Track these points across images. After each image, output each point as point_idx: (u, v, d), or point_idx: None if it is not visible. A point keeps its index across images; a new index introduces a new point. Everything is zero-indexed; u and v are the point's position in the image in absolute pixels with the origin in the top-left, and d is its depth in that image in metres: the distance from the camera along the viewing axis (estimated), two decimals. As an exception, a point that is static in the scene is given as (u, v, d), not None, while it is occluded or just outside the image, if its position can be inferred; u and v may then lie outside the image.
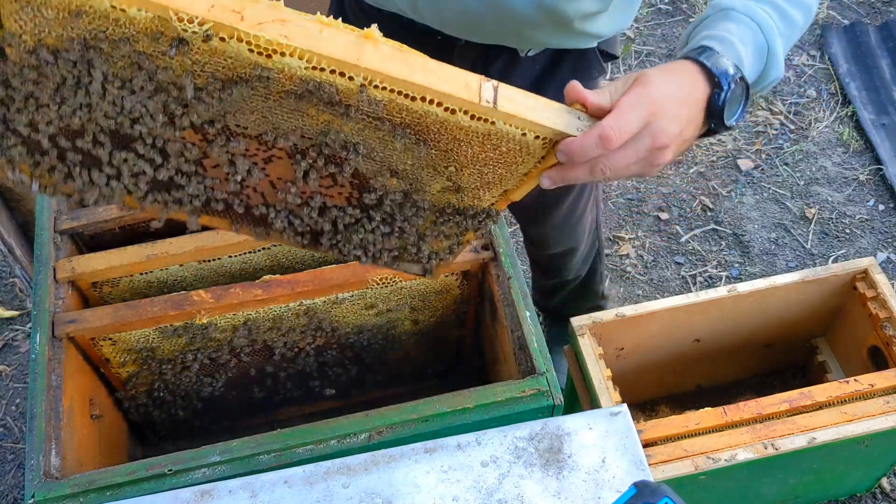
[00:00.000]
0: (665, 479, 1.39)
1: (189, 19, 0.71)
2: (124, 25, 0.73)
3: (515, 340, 1.14)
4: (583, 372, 1.52)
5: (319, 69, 0.76)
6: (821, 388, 1.47)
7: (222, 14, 0.71)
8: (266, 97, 0.80)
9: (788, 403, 1.45)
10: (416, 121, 0.82)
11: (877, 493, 1.92)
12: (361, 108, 0.80)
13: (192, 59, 0.76)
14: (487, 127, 0.82)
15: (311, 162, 0.88)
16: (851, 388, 1.47)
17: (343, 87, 0.77)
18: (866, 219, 2.44)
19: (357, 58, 0.75)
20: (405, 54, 0.78)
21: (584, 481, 0.88)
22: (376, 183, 0.93)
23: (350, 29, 0.76)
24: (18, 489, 1.96)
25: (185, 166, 0.91)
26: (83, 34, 0.74)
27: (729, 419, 1.42)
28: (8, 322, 2.24)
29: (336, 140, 0.85)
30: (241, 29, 0.72)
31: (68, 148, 0.87)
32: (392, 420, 1.04)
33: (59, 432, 1.05)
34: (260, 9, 0.73)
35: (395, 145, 0.86)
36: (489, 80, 0.79)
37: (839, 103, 2.70)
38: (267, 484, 0.88)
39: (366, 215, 0.98)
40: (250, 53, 0.74)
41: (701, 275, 2.33)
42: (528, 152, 0.85)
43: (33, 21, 0.73)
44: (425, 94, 0.79)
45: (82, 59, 0.76)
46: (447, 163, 0.89)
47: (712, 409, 1.43)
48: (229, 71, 0.77)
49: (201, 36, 0.72)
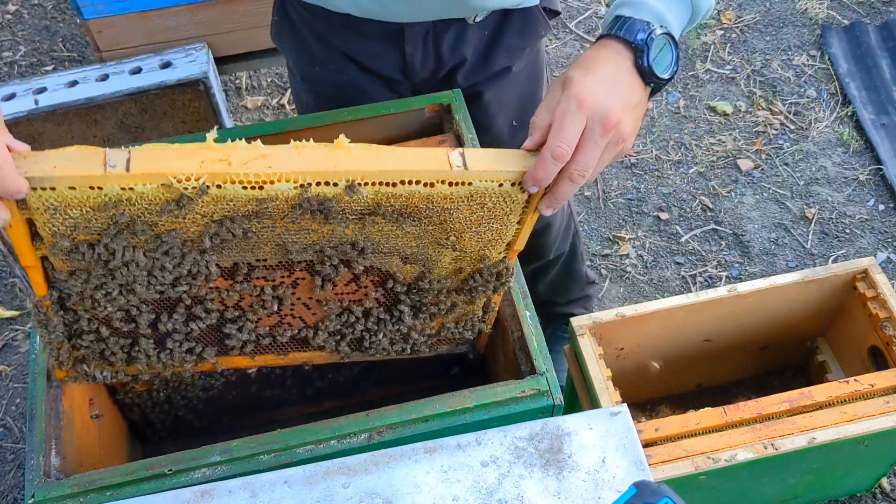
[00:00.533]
0: (665, 479, 1.39)
1: (186, 178, 0.81)
2: (138, 202, 0.83)
3: (515, 340, 1.14)
4: (583, 372, 1.52)
5: (307, 185, 0.85)
6: (821, 389, 1.47)
7: (212, 165, 0.82)
8: (273, 227, 0.90)
9: (788, 403, 1.45)
10: (404, 204, 0.90)
11: (877, 493, 1.92)
12: (354, 208, 0.89)
13: (200, 213, 0.86)
14: (467, 189, 0.90)
15: (329, 270, 0.98)
16: (851, 388, 1.47)
17: (331, 194, 0.87)
18: (866, 219, 2.44)
19: (334, 165, 0.85)
20: (375, 150, 0.87)
21: (584, 481, 0.88)
22: (393, 271, 1.02)
23: (322, 145, 0.86)
24: (18, 489, 1.96)
25: (228, 313, 1.03)
26: (109, 221, 0.85)
27: (729, 419, 1.42)
28: (8, 322, 2.24)
29: (343, 244, 0.95)
30: (231, 172, 0.82)
31: (124, 331, 1.02)
32: (392, 420, 1.04)
33: (59, 432, 1.05)
34: (242, 152, 0.83)
35: (396, 232, 0.95)
36: (455, 149, 0.88)
37: (839, 103, 2.70)
38: (267, 484, 0.88)
39: (395, 310, 1.09)
40: (245, 190, 0.84)
41: (701, 275, 2.33)
42: (512, 200, 0.93)
43: (63, 223, 0.84)
44: (403, 178, 0.87)
45: (115, 241, 0.87)
46: (446, 234, 0.97)
47: (712, 409, 1.43)
48: (234, 212, 0.87)
49: (200, 189, 0.83)
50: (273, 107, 2.70)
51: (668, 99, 2.73)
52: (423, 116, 1.36)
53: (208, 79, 1.94)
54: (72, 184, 0.80)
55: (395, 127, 1.36)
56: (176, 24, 2.02)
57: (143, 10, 1.98)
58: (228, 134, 1.34)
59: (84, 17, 1.94)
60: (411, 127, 1.36)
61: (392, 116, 1.34)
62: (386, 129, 1.36)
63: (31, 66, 2.80)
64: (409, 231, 0.95)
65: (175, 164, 0.81)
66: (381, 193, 0.88)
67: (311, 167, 0.84)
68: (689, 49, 2.85)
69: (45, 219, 0.83)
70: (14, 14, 2.95)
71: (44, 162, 0.79)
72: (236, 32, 2.05)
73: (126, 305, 0.98)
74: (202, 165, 0.81)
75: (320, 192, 0.86)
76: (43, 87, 1.94)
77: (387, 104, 1.34)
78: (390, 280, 1.04)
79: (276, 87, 2.74)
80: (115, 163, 0.79)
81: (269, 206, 0.87)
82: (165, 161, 0.81)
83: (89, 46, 2.75)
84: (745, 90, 2.74)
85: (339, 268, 0.99)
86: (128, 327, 1.02)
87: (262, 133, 1.31)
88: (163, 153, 0.82)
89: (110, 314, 0.99)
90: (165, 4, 1.97)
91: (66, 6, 2.95)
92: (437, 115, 1.36)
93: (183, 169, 0.81)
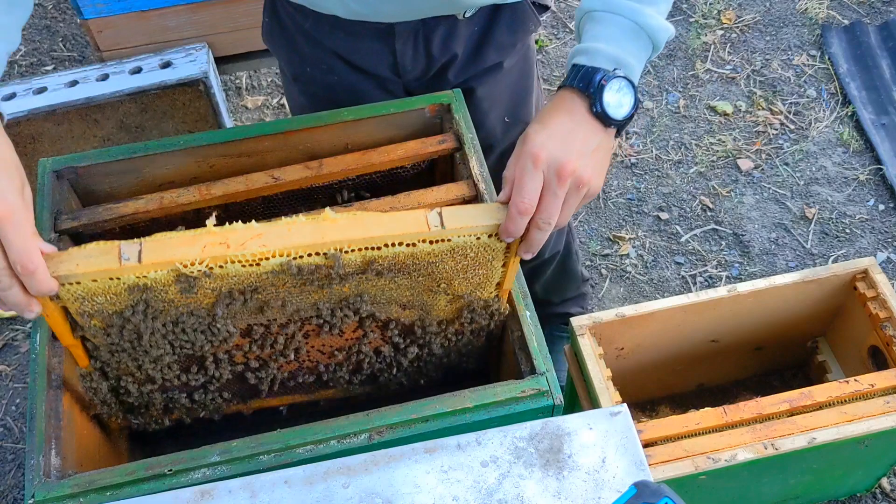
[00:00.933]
0: (665, 480, 1.39)
1: (191, 262, 0.92)
2: (153, 286, 0.94)
3: (515, 340, 1.14)
4: (583, 372, 1.52)
5: (299, 257, 0.95)
6: (821, 388, 1.47)
7: (213, 249, 0.92)
8: (276, 293, 1.00)
9: (789, 403, 1.45)
10: (392, 262, 0.99)
11: (877, 493, 1.92)
12: (346, 270, 0.98)
13: (209, 288, 0.96)
14: (447, 244, 0.98)
15: (334, 322, 1.09)
16: (852, 388, 1.47)
17: (322, 262, 0.96)
18: (866, 219, 2.44)
19: (322, 237, 0.94)
20: (359, 218, 0.96)
21: (584, 481, 0.88)
22: (393, 317, 1.12)
23: (310, 219, 0.95)
24: (18, 489, 1.96)
25: (251, 363, 1.15)
26: (132, 303, 0.96)
27: (729, 419, 1.42)
28: (8, 322, 2.24)
29: (342, 299, 1.05)
30: (230, 254, 0.92)
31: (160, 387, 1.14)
32: (392, 420, 1.03)
33: (60, 432, 1.05)
34: (239, 234, 0.93)
35: (390, 285, 1.04)
36: (432, 209, 0.97)
37: (839, 103, 2.70)
38: (267, 484, 0.88)
39: (402, 347, 1.19)
40: (244, 268, 0.94)
41: (701, 275, 2.33)
42: (492, 249, 1.01)
43: (92, 308, 0.96)
44: (387, 241, 0.96)
45: (138, 320, 0.99)
46: (437, 282, 1.06)
47: (712, 408, 1.43)
48: (240, 285, 0.98)
49: (204, 273, 0.93)
50: (273, 106, 2.70)
51: (669, 99, 2.73)
52: (423, 116, 1.36)
53: (208, 79, 1.94)
54: (94, 277, 0.92)
55: (396, 127, 1.36)
56: (176, 24, 2.02)
57: (143, 9, 1.98)
58: (229, 134, 1.34)
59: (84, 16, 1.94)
60: (411, 127, 1.36)
61: (392, 116, 1.34)
62: (386, 128, 1.36)
63: (31, 66, 2.80)
64: (401, 283, 1.05)
65: (180, 251, 0.92)
66: (368, 256, 0.97)
67: (301, 241, 0.94)
68: (689, 49, 2.85)
69: (76, 306, 0.96)
70: (14, 14, 2.95)
71: (68, 262, 0.91)
72: (236, 32, 2.05)
73: (158, 370, 1.11)
74: (204, 250, 0.92)
75: (311, 262, 0.96)
76: (43, 87, 1.94)
77: (387, 104, 1.34)
78: (392, 323, 1.14)
79: (276, 86, 2.74)
80: (128, 256, 0.91)
81: (269, 278, 0.97)
82: (172, 250, 0.92)
83: (89, 46, 2.76)
84: (745, 90, 2.74)
85: (345, 318, 1.09)
86: (163, 384, 1.15)
87: (263, 133, 1.31)
88: (169, 242, 0.93)
89: (147, 377, 1.12)
90: (165, 4, 1.97)
91: (66, 6, 2.95)
92: (437, 114, 1.36)
93: (187, 255, 0.92)
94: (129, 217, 1.26)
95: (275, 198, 1.33)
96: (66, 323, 1.00)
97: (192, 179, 1.34)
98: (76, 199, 1.31)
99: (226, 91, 2.67)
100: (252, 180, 1.28)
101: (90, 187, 1.31)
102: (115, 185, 1.32)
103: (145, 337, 1.02)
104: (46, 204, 1.24)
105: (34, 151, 1.87)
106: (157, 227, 1.31)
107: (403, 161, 1.32)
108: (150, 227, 1.31)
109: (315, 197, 1.35)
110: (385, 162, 1.31)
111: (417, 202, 1.26)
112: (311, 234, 0.94)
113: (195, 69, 1.94)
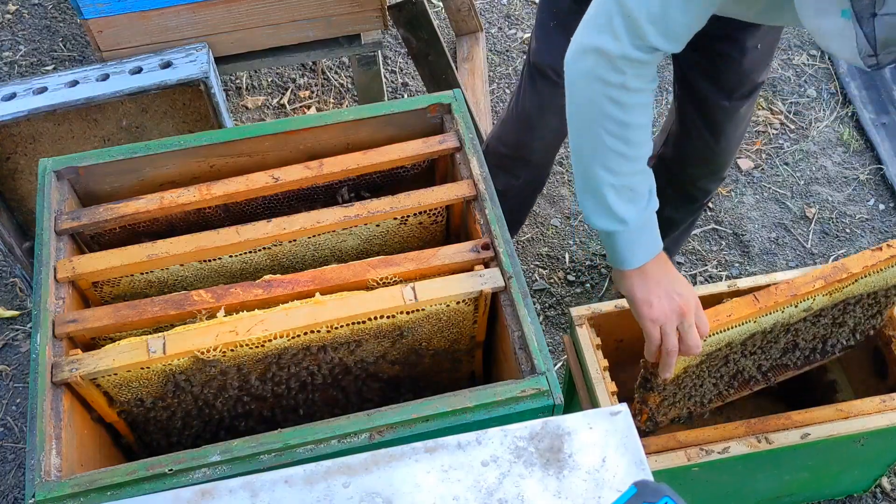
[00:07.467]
0: (658, 471, 1.39)
1: (207, 350, 1.10)
2: (178, 370, 1.13)
3: (515, 340, 1.14)
4: (580, 362, 1.53)
5: (295, 336, 1.13)
6: (855, 259, 1.45)
7: (224, 337, 1.10)
8: (281, 367, 1.18)
9: (823, 280, 1.42)
10: (376, 331, 1.17)
11: (877, 493, 1.92)
12: (337, 343, 1.17)
13: (227, 364, 1.14)
14: (423, 313, 1.16)
15: (333, 378, 1.25)
16: (886, 254, 1.45)
17: (317, 338, 1.15)
18: (866, 218, 2.44)
19: (314, 318, 1.12)
20: (345, 299, 1.14)
21: (585, 481, 0.88)
22: (385, 372, 1.28)
23: (303, 303, 1.13)
24: (19, 489, 1.96)
25: (265, 413, 1.29)
26: (161, 386, 1.15)
27: (762, 305, 1.39)
28: (8, 322, 2.24)
29: (338, 363, 1.22)
30: (238, 340, 1.10)
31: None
32: (392, 420, 1.04)
33: (60, 432, 1.05)
34: (245, 321, 1.11)
35: (378, 348, 1.22)
36: (407, 284, 1.14)
37: (839, 103, 2.70)
38: (267, 483, 0.88)
39: (395, 394, 1.35)
40: (250, 350, 1.12)
41: (701, 274, 2.33)
42: (463, 313, 1.19)
43: (129, 391, 1.15)
44: (370, 316, 1.14)
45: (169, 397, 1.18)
46: (417, 342, 1.24)
47: (742, 297, 1.40)
48: (248, 361, 1.15)
49: (219, 357, 1.12)
50: (273, 107, 2.70)
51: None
52: (423, 116, 1.36)
53: (209, 79, 1.94)
54: (127, 369, 1.10)
55: (396, 127, 1.36)
56: (176, 24, 2.01)
57: (143, 9, 1.97)
58: (229, 134, 1.34)
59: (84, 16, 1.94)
60: (412, 127, 1.36)
61: (393, 116, 1.34)
62: (387, 128, 1.36)
63: (31, 66, 2.80)
64: (386, 348, 1.22)
65: (197, 341, 1.10)
66: (355, 329, 1.15)
67: (297, 324, 1.11)
68: (689, 49, 2.85)
69: (116, 391, 1.15)
70: (14, 14, 2.95)
71: (105, 358, 1.09)
72: (236, 32, 2.04)
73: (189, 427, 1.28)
74: (217, 338, 1.10)
75: (308, 340, 1.14)
76: (43, 86, 1.93)
77: (387, 104, 1.34)
78: (385, 378, 1.31)
79: (276, 86, 2.74)
80: (154, 349, 1.09)
81: (274, 354, 1.15)
82: (191, 340, 1.10)
83: (89, 46, 2.76)
84: (745, 90, 2.74)
85: (343, 377, 1.26)
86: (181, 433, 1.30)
87: (263, 133, 1.31)
88: (189, 334, 1.10)
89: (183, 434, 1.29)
90: (166, 4, 1.97)
91: (66, 6, 2.95)
92: (437, 114, 1.36)
93: (204, 344, 1.10)
94: (129, 217, 1.26)
95: (275, 198, 1.33)
96: (107, 404, 1.16)
97: (192, 179, 1.34)
98: (76, 199, 1.31)
99: (226, 91, 2.67)
100: (252, 180, 1.28)
101: (90, 187, 1.31)
102: (116, 185, 1.32)
103: (178, 411, 1.22)
104: (46, 204, 1.25)
105: (34, 151, 1.86)
106: (158, 227, 1.31)
107: (404, 161, 1.32)
108: (151, 226, 1.31)
109: (315, 197, 1.35)
110: (385, 162, 1.31)
111: (418, 202, 1.27)
112: (304, 317, 1.11)
113: (195, 69, 1.94)
